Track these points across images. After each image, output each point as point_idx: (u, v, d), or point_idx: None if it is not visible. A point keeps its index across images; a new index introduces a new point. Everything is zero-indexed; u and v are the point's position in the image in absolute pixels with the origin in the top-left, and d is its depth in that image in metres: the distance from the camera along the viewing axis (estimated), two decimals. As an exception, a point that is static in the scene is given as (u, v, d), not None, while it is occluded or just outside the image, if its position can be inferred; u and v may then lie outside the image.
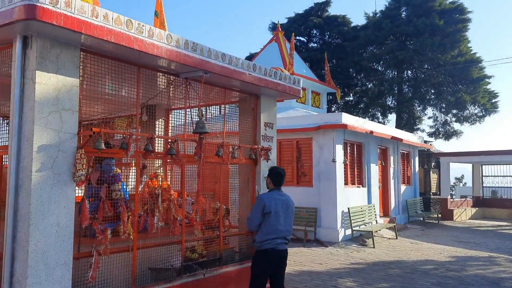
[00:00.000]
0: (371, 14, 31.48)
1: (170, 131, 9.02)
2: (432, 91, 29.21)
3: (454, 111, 28.95)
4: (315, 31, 34.19)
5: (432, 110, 30.12)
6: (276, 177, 5.40)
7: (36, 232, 4.46)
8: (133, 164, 7.46)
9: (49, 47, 4.73)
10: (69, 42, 4.89)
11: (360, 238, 13.71)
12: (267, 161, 7.60)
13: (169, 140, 5.95)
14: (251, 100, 7.79)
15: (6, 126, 6.94)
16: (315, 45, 34.28)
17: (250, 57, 30.69)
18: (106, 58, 5.50)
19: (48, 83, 4.70)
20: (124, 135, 5.33)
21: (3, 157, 5.27)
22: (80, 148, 4.91)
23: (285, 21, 33.95)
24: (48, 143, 4.65)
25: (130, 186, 6.99)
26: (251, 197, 7.64)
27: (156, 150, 5.86)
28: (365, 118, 27.53)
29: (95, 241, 5.08)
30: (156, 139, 6.17)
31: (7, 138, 6.27)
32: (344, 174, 14.23)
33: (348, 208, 13.75)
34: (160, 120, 8.90)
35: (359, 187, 15.44)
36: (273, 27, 32.33)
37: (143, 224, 5.79)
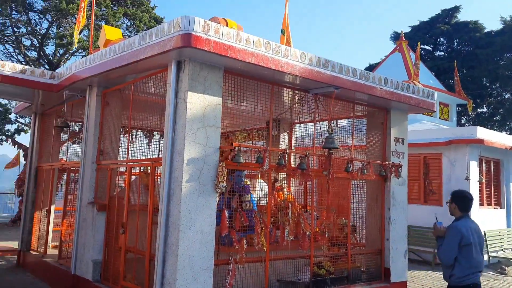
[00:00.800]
0: (508, 18, 28.42)
1: (293, 144, 9.24)
2: None
3: None
4: (442, 39, 31.99)
5: None
6: (463, 202, 4.81)
7: (184, 238, 4.92)
8: (259, 176, 7.80)
9: (198, 70, 5.23)
10: (214, 65, 5.35)
11: (498, 266, 12.29)
12: (398, 178, 7.30)
13: (300, 155, 6.09)
14: (380, 114, 7.59)
15: (157, 141, 7.83)
16: (442, 53, 32.04)
17: (370, 68, 29.86)
18: (244, 78, 5.87)
19: (197, 102, 5.19)
20: (259, 150, 5.60)
21: (156, 168, 5.93)
22: (221, 161, 5.30)
23: (409, 29, 32.41)
24: (195, 156, 5.12)
25: (256, 198, 7.29)
26: (379, 214, 7.40)
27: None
28: (501, 131, 24.78)
29: (233, 249, 5.40)
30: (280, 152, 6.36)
31: (158, 151, 7.09)
32: (479, 193, 12.95)
33: (484, 231, 12.44)
34: (284, 134, 9.16)
35: (496, 208, 13.89)
36: (396, 37, 31.06)
37: (274, 236, 5.99)
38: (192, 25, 4.78)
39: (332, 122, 8.23)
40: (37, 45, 18.72)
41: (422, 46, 31.77)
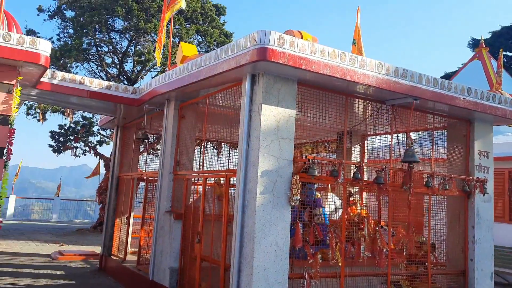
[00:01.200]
0: None
1: (366, 157, 8.96)
2: None
3: None
4: (527, 44, 29.61)
5: None
6: None
7: (259, 249, 4.93)
8: (329, 189, 7.64)
9: (272, 83, 5.28)
10: (288, 77, 5.37)
11: None
12: (483, 195, 6.80)
13: (377, 169, 5.89)
14: (462, 126, 7.14)
15: (230, 153, 7.99)
16: (527, 59, 29.63)
17: (447, 77, 28.36)
18: (316, 89, 5.82)
19: (270, 114, 5.23)
20: (333, 163, 5.50)
21: (230, 179, 6.06)
22: (295, 174, 5.28)
23: (489, 35, 30.41)
24: (269, 168, 5.14)
25: (328, 211, 7.14)
26: (462, 233, 6.92)
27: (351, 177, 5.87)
28: None
29: (307, 263, 5.32)
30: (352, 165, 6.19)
31: (228, 162, 7.24)
32: None
33: None
34: (356, 146, 8.93)
35: None
36: (474, 44, 29.27)
37: (350, 251, 5.81)
38: (268, 38, 4.85)
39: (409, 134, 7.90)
40: (117, 62, 20.07)
41: (504, 53, 29.65)
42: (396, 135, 6.66)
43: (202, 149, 7.68)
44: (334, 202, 7.24)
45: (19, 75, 6.43)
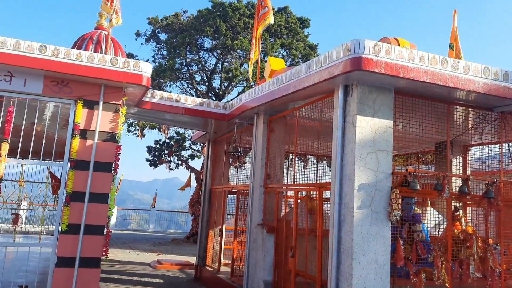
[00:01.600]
0: None
1: (468, 169, 8.27)
2: None
3: None
4: None
5: None
6: None
7: (358, 266, 4.74)
8: (428, 203, 7.14)
9: (367, 93, 5.11)
10: (384, 86, 5.16)
11: None
12: None
13: (487, 182, 5.39)
14: None
15: (322, 165, 7.88)
16: None
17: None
18: (414, 98, 5.52)
19: (366, 126, 5.05)
20: (438, 176, 5.14)
21: (323, 192, 5.95)
22: (394, 187, 5.02)
23: None
24: (366, 182, 4.95)
25: (428, 227, 6.67)
26: None
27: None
28: None
29: (409, 282, 5.00)
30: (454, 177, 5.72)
31: (316, 175, 7.12)
32: None
33: None
34: (457, 157, 8.28)
35: None
36: None
37: (457, 271, 5.36)
38: (362, 48, 4.72)
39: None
40: (206, 79, 21.06)
41: None
42: (506, 144, 6.05)
43: (292, 162, 7.67)
44: (435, 217, 6.75)
45: (125, 95, 6.98)
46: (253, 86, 18.04)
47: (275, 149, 7.56)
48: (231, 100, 8.83)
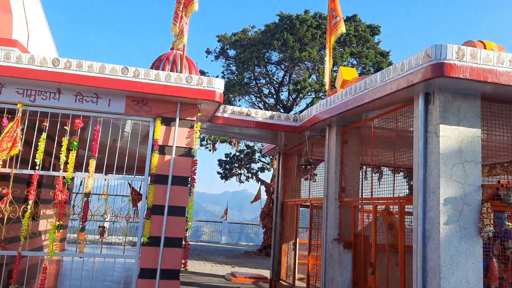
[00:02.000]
0: None
1: None
2: None
3: None
4: None
5: None
6: None
7: (447, 286, 4.41)
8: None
9: (450, 100, 4.80)
10: (469, 93, 4.81)
11: None
12: None
13: None
14: None
15: (398, 176, 7.52)
16: None
17: None
18: (504, 104, 5.09)
19: (450, 135, 4.73)
20: (535, 188, 4.66)
21: (404, 206, 5.65)
22: (485, 201, 4.63)
23: None
24: (453, 195, 4.62)
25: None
26: None
27: None
28: None
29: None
30: None
31: (394, 188, 6.77)
32: None
33: None
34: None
35: None
36: None
37: None
38: (444, 53, 4.45)
39: None
40: (274, 92, 21.22)
41: None
42: None
43: (370, 175, 7.40)
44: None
45: (199, 111, 7.21)
46: (322, 97, 17.83)
47: (349, 161, 7.35)
48: (301, 112, 8.78)
